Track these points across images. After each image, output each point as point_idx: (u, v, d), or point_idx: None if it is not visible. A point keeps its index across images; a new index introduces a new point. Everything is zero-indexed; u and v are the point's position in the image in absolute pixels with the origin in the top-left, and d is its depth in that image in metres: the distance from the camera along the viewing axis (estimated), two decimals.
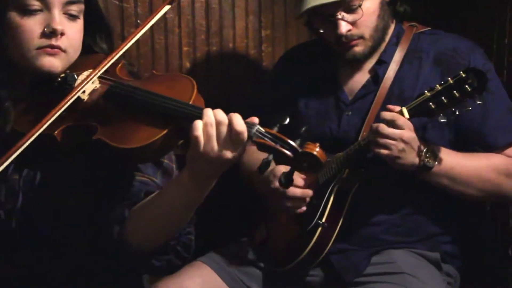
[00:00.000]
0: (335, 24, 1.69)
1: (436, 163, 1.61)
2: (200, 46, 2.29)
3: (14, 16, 1.29)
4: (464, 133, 1.70)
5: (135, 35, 1.40)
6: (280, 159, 1.19)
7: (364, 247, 1.74)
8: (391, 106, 1.62)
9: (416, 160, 1.60)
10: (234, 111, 2.37)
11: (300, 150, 1.16)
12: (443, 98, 1.52)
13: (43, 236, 1.30)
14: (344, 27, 1.69)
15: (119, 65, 1.38)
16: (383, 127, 1.57)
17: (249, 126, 1.16)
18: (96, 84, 1.32)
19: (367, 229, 1.75)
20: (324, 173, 1.73)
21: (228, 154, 1.15)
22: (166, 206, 1.24)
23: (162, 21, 2.22)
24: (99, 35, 1.42)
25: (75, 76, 1.33)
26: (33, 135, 1.22)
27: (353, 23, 1.70)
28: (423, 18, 1.88)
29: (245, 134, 1.14)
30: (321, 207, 1.71)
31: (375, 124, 1.59)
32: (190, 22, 2.27)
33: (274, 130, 1.19)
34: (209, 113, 1.17)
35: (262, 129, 1.18)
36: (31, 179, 1.31)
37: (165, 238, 1.27)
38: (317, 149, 1.16)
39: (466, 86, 1.49)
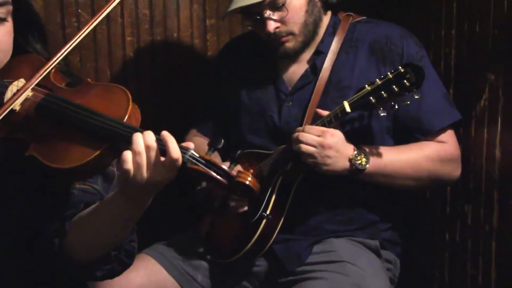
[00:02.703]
0: (263, 23, 1.71)
1: (368, 164, 1.66)
2: (143, 36, 2.27)
3: None
4: (402, 120, 1.74)
5: (74, 40, 1.30)
6: (214, 185, 1.18)
7: (307, 237, 1.78)
8: (319, 110, 1.67)
9: (347, 164, 1.65)
10: (179, 102, 2.39)
11: (234, 177, 1.16)
12: (383, 92, 1.56)
13: None
14: (271, 25, 1.70)
15: (53, 70, 1.30)
16: (302, 135, 1.62)
17: (183, 151, 1.15)
18: (29, 93, 1.25)
19: (309, 219, 1.79)
20: (268, 165, 1.76)
21: (160, 177, 1.14)
22: (104, 222, 1.23)
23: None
24: (31, 34, 1.35)
25: (6, 83, 1.26)
26: None
27: (280, 21, 1.71)
28: (361, 9, 1.91)
29: (180, 161, 1.12)
30: (266, 199, 1.74)
31: (295, 134, 1.64)
32: (133, 11, 2.24)
33: (209, 156, 1.17)
34: (138, 140, 1.14)
35: (196, 155, 1.16)
36: None
37: (106, 250, 1.27)
38: (249, 178, 1.16)
39: (405, 81, 1.53)
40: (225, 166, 1.17)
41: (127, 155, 1.13)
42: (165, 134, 1.14)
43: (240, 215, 1.77)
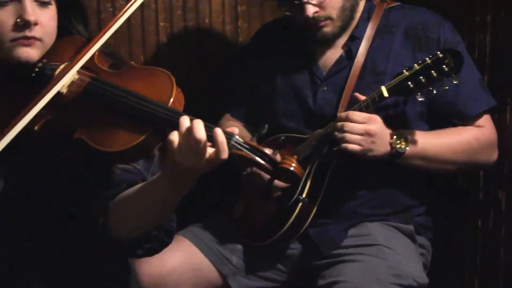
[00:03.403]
0: (302, 8, 1.72)
1: (408, 147, 1.67)
2: (176, 22, 2.28)
3: None
4: (438, 105, 1.75)
5: (115, 22, 1.34)
6: (259, 170, 1.20)
7: (341, 221, 1.80)
8: (357, 94, 1.68)
9: (388, 148, 1.67)
10: (211, 87, 2.40)
11: (278, 163, 1.17)
12: (421, 77, 1.57)
13: (24, 223, 1.30)
14: (310, 10, 1.72)
15: (97, 53, 1.33)
16: (347, 125, 1.63)
17: (228, 137, 1.16)
18: (75, 76, 1.28)
19: (344, 203, 1.80)
20: (304, 149, 1.77)
21: (204, 163, 1.15)
22: (147, 203, 1.26)
23: None
24: (74, 16, 1.39)
25: (52, 66, 1.29)
26: (11, 131, 1.19)
27: (319, 5, 1.72)
28: None
29: (225, 147, 1.14)
30: (302, 183, 1.75)
31: (339, 123, 1.65)
32: None
33: (253, 141, 1.19)
34: (184, 123, 1.16)
35: (241, 140, 1.18)
36: (13, 167, 1.30)
37: (147, 229, 1.30)
38: (294, 164, 1.18)
39: (444, 66, 1.54)
40: (268, 151, 1.19)
41: (174, 137, 1.15)
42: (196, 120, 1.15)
43: (275, 199, 1.79)
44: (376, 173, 1.78)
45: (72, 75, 1.26)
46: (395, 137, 1.67)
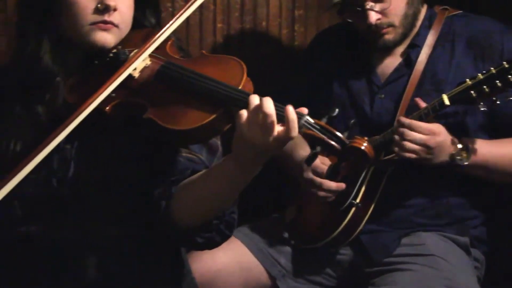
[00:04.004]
0: (364, 14, 1.71)
1: (468, 161, 1.65)
2: (234, 24, 2.30)
3: None
4: (501, 116, 1.72)
5: (186, 10, 1.39)
6: (327, 151, 1.19)
7: (395, 229, 1.78)
8: (418, 100, 1.66)
9: (446, 158, 1.65)
10: (266, 89, 2.41)
11: (348, 144, 1.17)
12: (484, 87, 1.55)
13: (91, 204, 1.33)
14: (373, 17, 1.71)
15: (170, 42, 1.38)
16: (409, 133, 1.61)
17: (299, 116, 1.16)
18: (147, 61, 1.33)
19: (398, 211, 1.78)
20: None
21: (274, 142, 1.14)
22: (212, 188, 1.26)
23: None
24: (148, 9, 1.43)
25: (126, 52, 1.34)
26: (85, 110, 1.23)
27: (382, 12, 1.71)
28: (455, 2, 1.89)
29: (296, 126, 1.13)
30: (356, 188, 1.75)
31: (401, 129, 1.63)
32: None
33: (323, 122, 1.19)
34: (254, 100, 1.16)
35: (311, 120, 1.17)
36: (83, 149, 1.34)
37: (210, 217, 1.30)
38: (365, 144, 1.17)
39: (509, 76, 1.51)
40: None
41: (244, 113, 1.15)
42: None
43: (328, 202, 1.78)
44: (432, 182, 1.76)
45: (143, 58, 1.31)
46: (459, 147, 1.65)
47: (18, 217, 1.31)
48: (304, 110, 1.17)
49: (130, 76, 1.30)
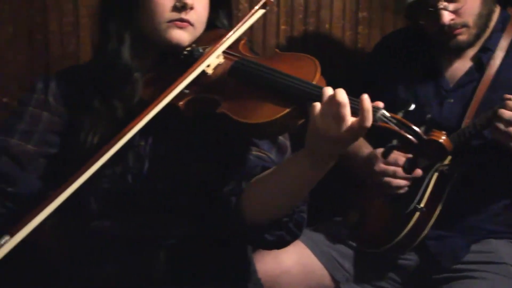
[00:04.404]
0: (437, 15, 1.68)
1: None
2: (297, 26, 2.30)
3: None
4: None
5: (256, 11, 1.43)
6: (404, 145, 1.18)
7: (463, 235, 1.74)
8: (508, 96, 1.60)
9: None
10: None
11: (425, 137, 1.15)
12: None
13: (163, 201, 1.35)
14: (446, 17, 1.67)
15: (242, 41, 1.41)
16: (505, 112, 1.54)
17: (375, 109, 1.15)
18: (221, 59, 1.36)
19: (468, 217, 1.74)
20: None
21: (348, 135, 1.13)
22: (283, 183, 1.25)
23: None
24: (221, 10, 1.46)
25: (200, 49, 1.37)
26: (158, 105, 1.26)
27: (455, 12, 1.68)
28: None
29: (370, 119, 1.11)
30: (420, 192, 1.71)
31: (501, 110, 1.56)
32: (289, 1, 2.28)
33: (399, 116, 1.18)
34: (328, 92, 1.15)
35: (387, 114, 1.16)
36: (157, 146, 1.36)
37: (280, 214, 1.29)
38: (444, 137, 1.15)
39: None
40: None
41: (317, 105, 1.14)
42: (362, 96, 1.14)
43: (392, 205, 1.76)
44: (503, 187, 1.71)
45: (217, 55, 1.34)
46: None
47: (93, 212, 1.35)
48: (380, 104, 1.16)
49: (203, 72, 1.33)
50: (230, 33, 1.38)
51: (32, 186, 1.34)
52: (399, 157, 1.68)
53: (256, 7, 1.42)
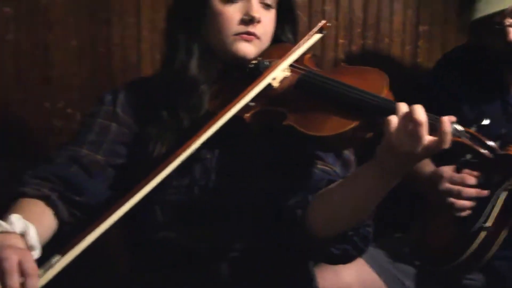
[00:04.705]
0: (503, 32, 1.64)
1: None
2: (355, 39, 2.28)
3: (216, 3, 1.36)
4: None
5: (323, 25, 1.45)
6: (478, 160, 1.15)
7: None
8: None
9: None
10: None
11: (501, 152, 1.12)
12: None
13: (229, 214, 1.35)
14: None
15: (308, 55, 1.41)
16: None
17: None
18: (287, 72, 1.36)
19: None
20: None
21: (422, 151, 1.11)
22: (350, 196, 1.24)
23: (319, 13, 2.24)
24: (287, 25, 1.46)
25: (266, 63, 1.37)
26: (224, 117, 1.27)
27: None
28: None
29: (449, 136, 1.09)
30: (487, 210, 1.66)
31: None
32: (347, 14, 2.26)
33: (472, 130, 1.15)
34: (404, 107, 1.14)
35: (461, 128, 1.14)
36: (223, 159, 1.36)
37: (346, 227, 1.27)
38: None
39: None
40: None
41: (392, 120, 1.12)
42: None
43: (457, 222, 1.71)
44: None
45: (283, 69, 1.34)
46: None
47: (159, 223, 1.35)
48: (453, 118, 1.14)
49: (269, 85, 1.33)
50: (296, 47, 1.38)
51: (100, 195, 1.36)
52: (466, 176, 1.64)
53: (314, 30, 1.43)
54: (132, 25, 2.10)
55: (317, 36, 1.44)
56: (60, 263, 1.08)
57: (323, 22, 1.45)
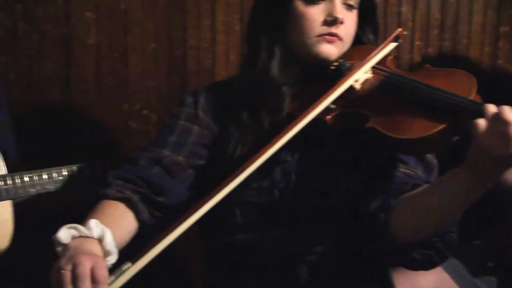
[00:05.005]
0: None
1: None
2: (432, 41, 2.23)
3: (299, 4, 1.35)
4: None
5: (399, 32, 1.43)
6: None
7: None
8: None
9: None
10: None
11: None
12: None
13: (309, 216, 1.34)
14: None
15: (390, 57, 1.39)
16: None
17: None
18: (369, 74, 1.34)
19: None
20: None
21: (509, 153, 1.07)
22: (437, 201, 1.20)
23: (395, 14, 2.20)
24: (368, 26, 1.44)
25: (348, 64, 1.35)
26: (305, 119, 1.26)
27: None
28: None
29: None
30: None
31: None
32: (424, 16, 2.21)
33: None
34: (492, 108, 1.10)
35: None
36: (304, 162, 1.35)
37: (431, 234, 1.24)
38: None
39: None
40: None
41: (480, 122, 1.09)
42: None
43: None
44: None
45: (365, 71, 1.33)
46: None
47: (238, 225, 1.36)
48: None
49: (351, 87, 1.31)
50: (379, 48, 1.37)
51: (180, 196, 1.37)
52: None
53: (389, 38, 1.41)
54: (207, 28, 2.12)
55: (392, 45, 1.41)
56: (131, 270, 1.09)
57: (399, 30, 1.44)
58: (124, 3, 2.08)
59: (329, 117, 1.30)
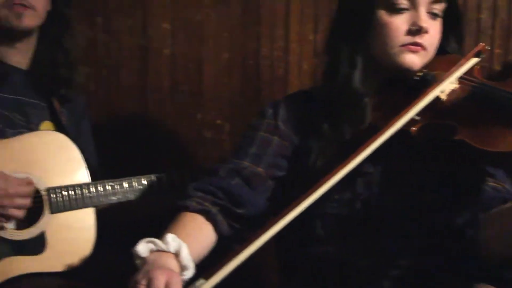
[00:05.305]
0: None
1: None
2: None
3: (383, 14, 1.33)
4: None
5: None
6: None
7: None
8: None
9: None
10: None
11: None
12: None
13: (391, 229, 1.31)
14: None
15: (477, 66, 1.35)
16: None
17: None
18: (455, 85, 1.30)
19: None
20: None
21: None
22: None
23: (474, 21, 2.13)
24: (452, 35, 1.40)
25: (433, 74, 1.32)
26: (390, 130, 1.24)
27: None
28: None
29: None
30: None
31: None
32: (505, 22, 2.14)
33: None
34: None
35: None
36: (387, 174, 1.33)
37: None
38: None
39: None
40: None
41: None
42: None
43: None
44: None
45: (451, 81, 1.30)
46: None
47: (319, 237, 1.34)
48: None
49: (437, 98, 1.28)
50: (464, 59, 1.33)
51: (260, 207, 1.37)
52: None
53: (471, 53, 1.37)
54: (280, 38, 2.12)
55: (474, 61, 1.37)
56: (205, 287, 1.09)
57: (481, 45, 1.39)
58: (200, 14, 2.10)
59: (414, 128, 1.27)
